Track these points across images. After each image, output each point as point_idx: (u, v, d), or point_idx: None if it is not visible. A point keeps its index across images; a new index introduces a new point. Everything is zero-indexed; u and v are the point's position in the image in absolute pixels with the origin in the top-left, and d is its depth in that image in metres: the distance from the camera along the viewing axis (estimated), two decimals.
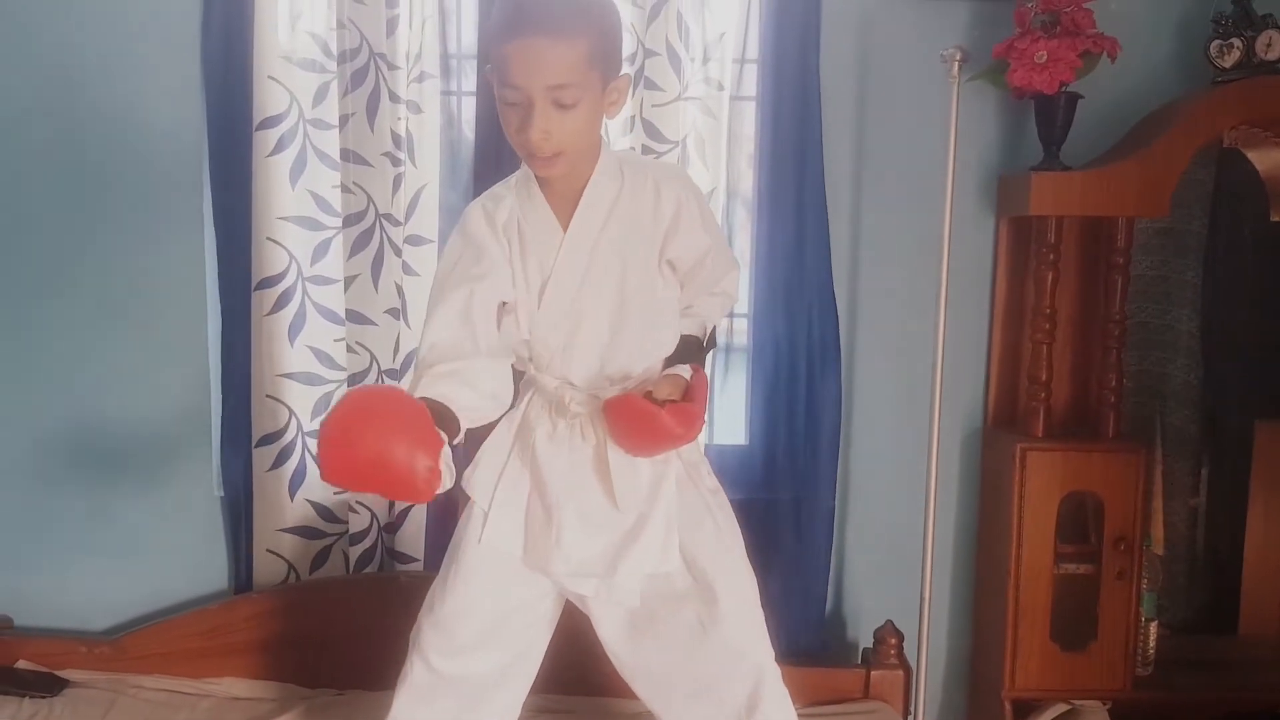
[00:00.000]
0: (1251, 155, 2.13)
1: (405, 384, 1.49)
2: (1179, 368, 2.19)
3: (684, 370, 1.52)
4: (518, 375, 1.52)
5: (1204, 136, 1.93)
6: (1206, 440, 2.23)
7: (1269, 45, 1.93)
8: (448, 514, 2.13)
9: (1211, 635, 2.27)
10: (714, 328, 1.66)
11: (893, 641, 2.05)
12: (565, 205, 1.47)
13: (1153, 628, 2.09)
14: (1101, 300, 2.05)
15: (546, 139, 1.36)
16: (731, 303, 1.69)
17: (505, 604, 1.54)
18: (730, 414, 2.20)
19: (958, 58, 1.92)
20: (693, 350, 1.56)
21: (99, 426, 2.15)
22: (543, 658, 1.61)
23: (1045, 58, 1.90)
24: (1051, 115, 1.98)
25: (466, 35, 2.06)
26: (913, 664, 2.06)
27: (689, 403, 1.45)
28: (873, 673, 2.04)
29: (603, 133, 1.49)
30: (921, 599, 2.04)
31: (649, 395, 1.43)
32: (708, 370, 2.09)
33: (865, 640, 2.15)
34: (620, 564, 1.48)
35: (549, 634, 1.60)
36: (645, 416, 1.41)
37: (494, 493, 1.51)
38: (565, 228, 1.47)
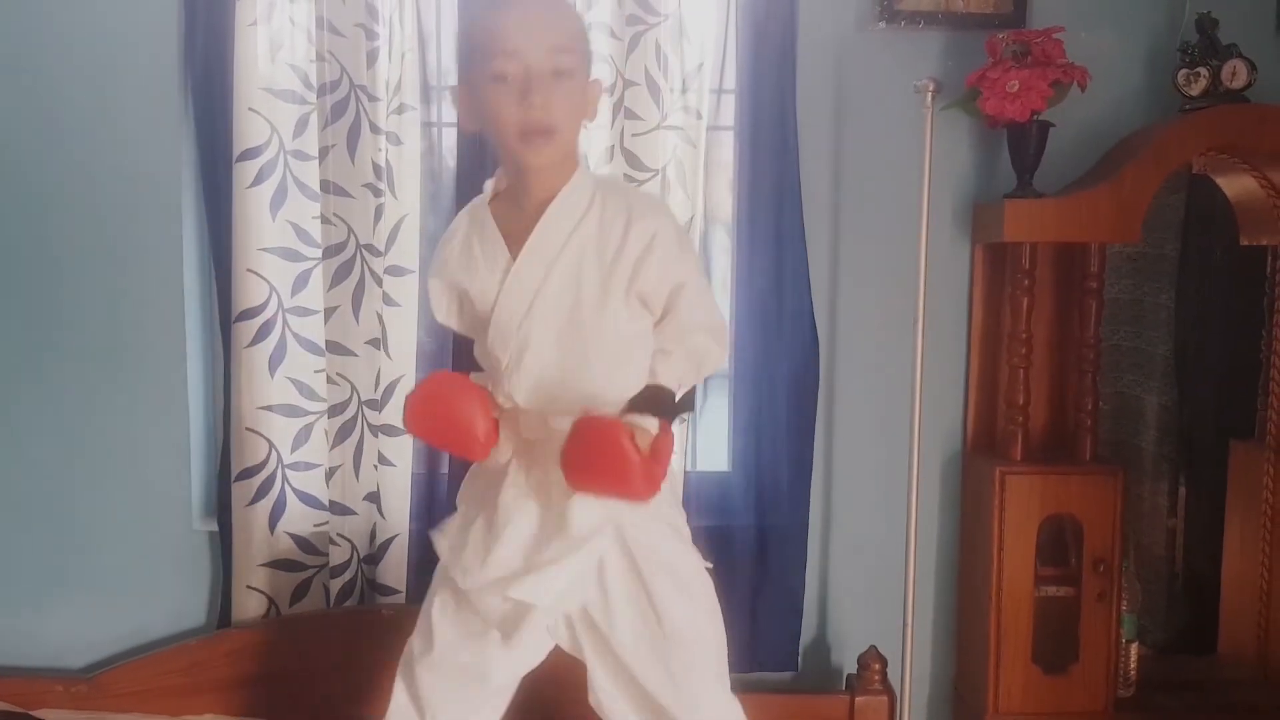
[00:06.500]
0: (1220, 181, 2.17)
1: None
2: (1154, 390, 2.22)
3: (650, 423, 1.34)
4: None
5: (1173, 163, 1.97)
6: (1182, 461, 2.26)
7: (1234, 74, 1.98)
8: (430, 546, 2.12)
9: (1192, 655, 2.28)
10: (691, 390, 1.51)
11: (876, 667, 2.05)
12: (526, 228, 1.41)
13: (1133, 649, 2.10)
14: (1076, 324, 2.07)
15: (546, 111, 1.31)
16: (700, 368, 1.48)
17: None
18: (713, 440, 2.21)
19: (931, 88, 1.95)
20: (659, 402, 1.39)
21: (76, 461, 2.13)
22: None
23: (1017, 87, 1.93)
24: (1024, 143, 2.01)
25: (447, 66, 2.07)
26: (897, 689, 2.07)
27: (653, 461, 1.32)
28: (857, 699, 2.04)
29: (582, 156, 1.47)
30: (904, 623, 2.05)
31: (631, 435, 1.31)
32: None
33: (849, 666, 2.15)
34: (535, 572, 1.40)
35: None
36: (617, 451, 1.28)
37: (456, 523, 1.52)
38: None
